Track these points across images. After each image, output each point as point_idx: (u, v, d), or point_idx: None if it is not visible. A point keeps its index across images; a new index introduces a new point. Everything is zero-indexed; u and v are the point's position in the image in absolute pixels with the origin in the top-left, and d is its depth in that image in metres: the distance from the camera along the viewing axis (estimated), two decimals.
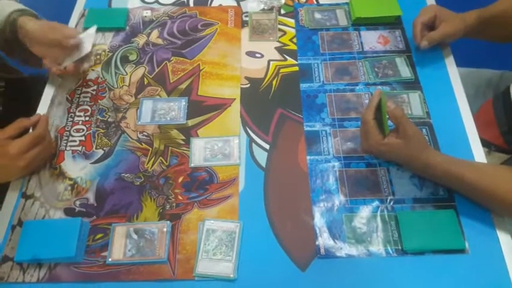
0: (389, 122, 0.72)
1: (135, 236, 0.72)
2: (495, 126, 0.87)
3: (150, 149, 0.82)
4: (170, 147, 0.82)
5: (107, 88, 0.91)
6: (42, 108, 0.89)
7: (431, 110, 0.84)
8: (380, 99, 0.71)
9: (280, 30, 0.99)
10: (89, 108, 0.88)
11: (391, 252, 0.70)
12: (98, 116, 0.87)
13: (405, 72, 0.90)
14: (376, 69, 0.91)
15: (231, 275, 0.68)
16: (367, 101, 0.86)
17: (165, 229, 0.72)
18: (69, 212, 0.76)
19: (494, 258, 0.69)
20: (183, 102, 0.88)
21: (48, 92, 0.91)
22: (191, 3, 1.06)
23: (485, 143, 0.84)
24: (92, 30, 0.89)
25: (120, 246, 0.71)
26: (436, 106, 0.85)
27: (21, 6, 0.89)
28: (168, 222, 0.73)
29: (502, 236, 0.71)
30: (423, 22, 0.88)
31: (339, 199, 0.75)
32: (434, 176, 0.73)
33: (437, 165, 0.71)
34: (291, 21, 1.01)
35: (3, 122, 0.95)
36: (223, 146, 0.82)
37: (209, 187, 0.77)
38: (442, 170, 0.70)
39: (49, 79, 0.93)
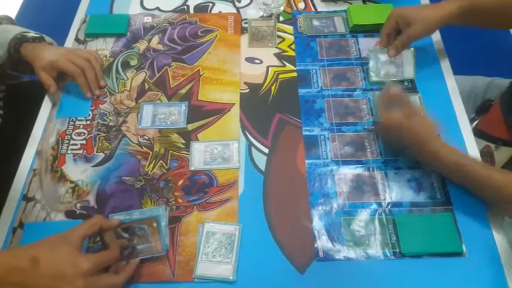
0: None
1: (126, 235, 0.70)
2: (502, 122, 0.88)
3: (151, 152, 0.83)
4: (170, 151, 0.83)
5: (108, 93, 0.92)
6: (43, 112, 0.90)
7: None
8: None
9: (279, 36, 1.01)
10: (90, 112, 0.89)
11: (389, 255, 0.70)
12: (99, 120, 0.88)
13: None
14: None
15: (231, 277, 0.69)
16: (364, 106, 0.88)
17: (154, 224, 0.70)
18: (70, 214, 0.76)
19: (491, 261, 0.70)
20: (183, 106, 0.89)
21: (50, 96, 0.92)
22: (191, 10, 1.08)
23: (493, 139, 0.86)
24: None
25: None
26: (434, 112, 0.86)
27: (19, 30, 0.90)
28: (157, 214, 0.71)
29: (499, 239, 0.71)
30: (386, 33, 0.88)
31: (337, 202, 0.76)
32: (442, 166, 0.73)
33: (447, 154, 0.71)
34: (290, 28, 1.03)
35: (4, 126, 0.96)
36: (223, 149, 0.83)
37: (209, 190, 0.78)
38: (451, 160, 0.71)
39: None
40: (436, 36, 0.99)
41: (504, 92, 0.93)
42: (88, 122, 0.88)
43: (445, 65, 0.94)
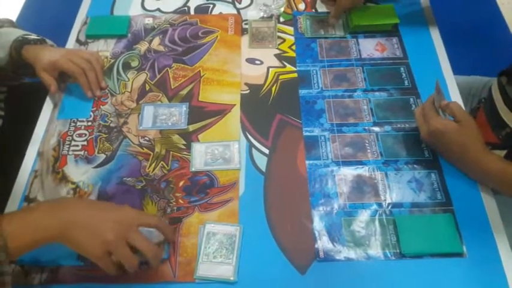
0: None
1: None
2: (487, 126, 0.88)
3: (152, 153, 0.83)
4: (171, 152, 0.83)
5: (109, 94, 0.93)
6: (45, 113, 0.90)
7: None
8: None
9: (279, 37, 1.01)
10: (91, 113, 0.90)
11: (389, 255, 0.70)
12: (100, 121, 0.88)
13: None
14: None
15: (231, 278, 0.69)
16: (365, 107, 0.88)
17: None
18: None
19: (491, 262, 0.70)
20: (184, 107, 0.89)
21: (51, 98, 0.92)
22: (192, 11, 1.08)
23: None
24: None
25: None
26: None
27: (21, 33, 0.90)
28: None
29: (500, 240, 0.71)
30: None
31: (337, 203, 0.76)
32: (486, 172, 0.73)
33: (492, 161, 0.72)
34: (290, 29, 1.03)
35: (5, 127, 0.97)
36: (224, 150, 0.83)
37: (210, 191, 0.78)
38: (498, 167, 0.71)
39: None
40: (437, 37, 0.99)
41: (487, 95, 0.92)
42: (89, 123, 0.88)
43: (445, 65, 0.94)
